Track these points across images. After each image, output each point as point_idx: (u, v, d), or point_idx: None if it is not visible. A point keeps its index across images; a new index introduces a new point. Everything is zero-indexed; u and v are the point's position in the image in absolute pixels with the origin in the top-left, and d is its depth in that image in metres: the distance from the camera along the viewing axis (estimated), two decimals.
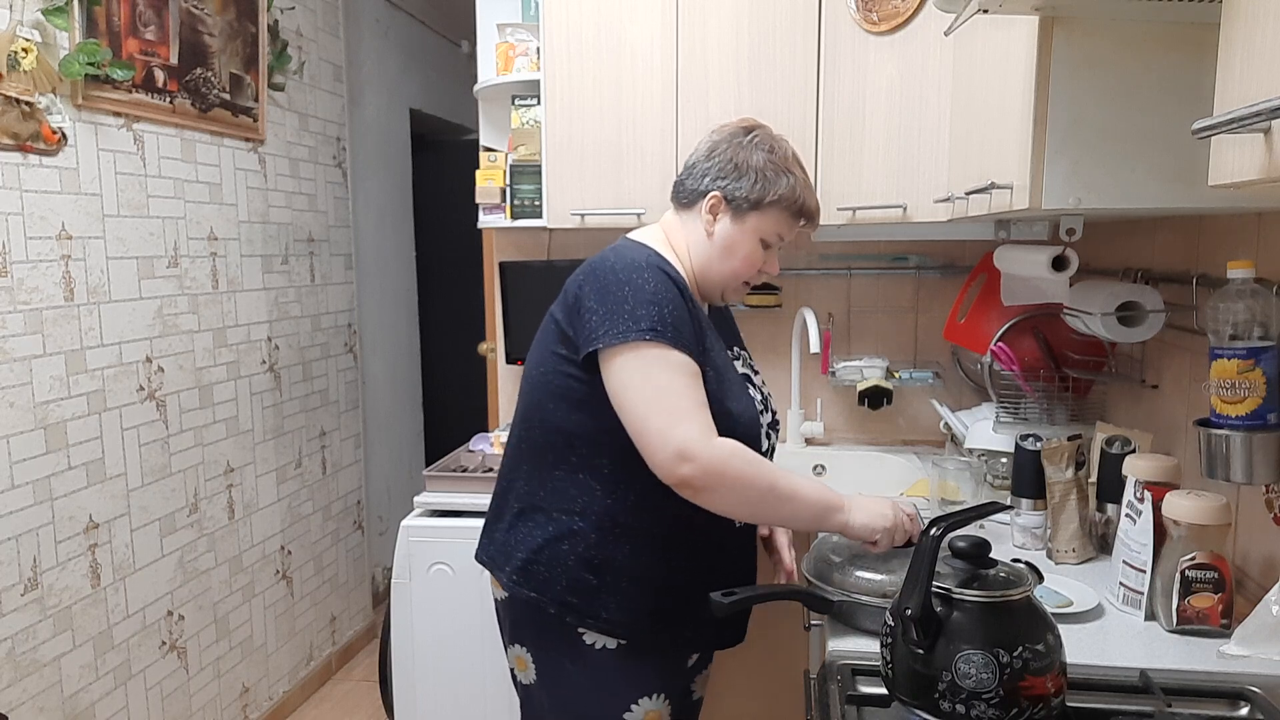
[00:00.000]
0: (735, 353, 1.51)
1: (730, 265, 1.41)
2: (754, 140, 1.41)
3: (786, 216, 1.41)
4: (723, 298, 1.48)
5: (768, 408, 1.49)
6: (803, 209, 1.42)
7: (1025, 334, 2.00)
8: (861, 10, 2.06)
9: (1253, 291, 1.19)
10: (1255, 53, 0.72)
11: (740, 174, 1.39)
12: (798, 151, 1.47)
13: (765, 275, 1.46)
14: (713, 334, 1.41)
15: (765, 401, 1.49)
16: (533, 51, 2.39)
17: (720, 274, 1.43)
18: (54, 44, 1.95)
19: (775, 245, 1.43)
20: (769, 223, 1.40)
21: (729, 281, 1.44)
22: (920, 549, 0.99)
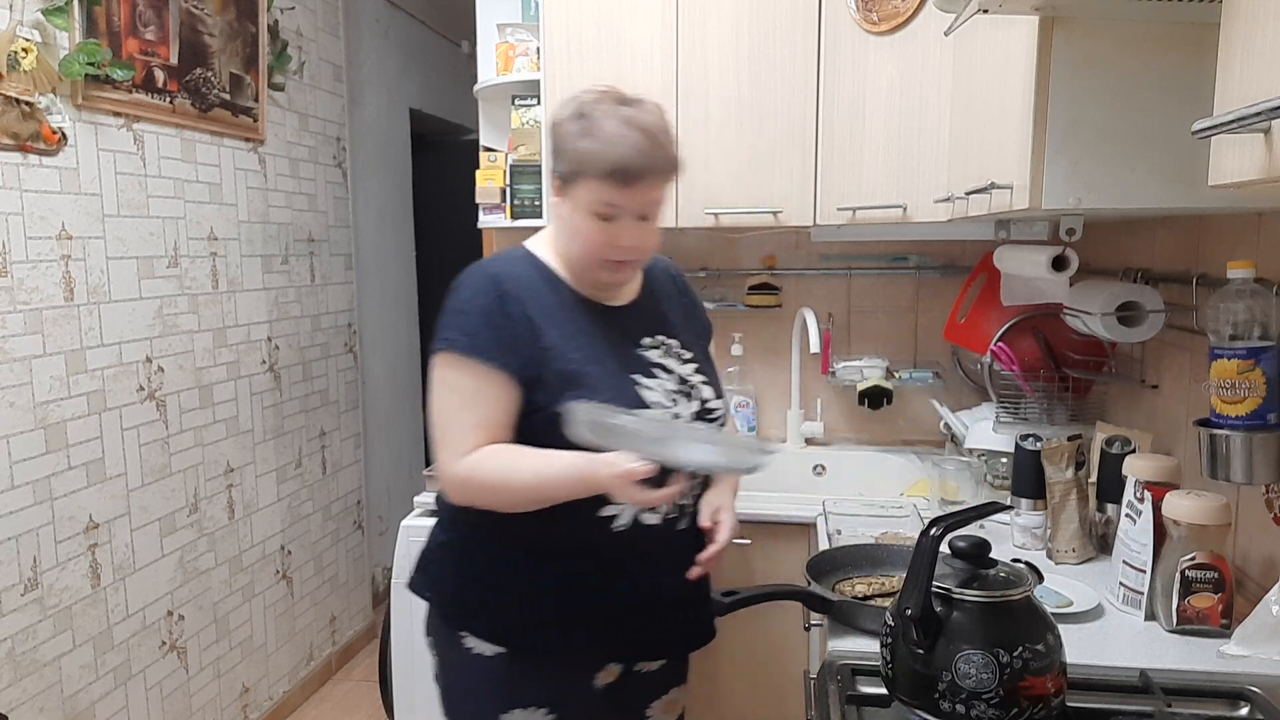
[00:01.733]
0: (655, 341, 1.39)
1: (577, 246, 1.32)
2: (570, 110, 1.33)
3: (601, 182, 1.26)
4: (597, 280, 1.35)
5: (691, 396, 1.37)
6: (612, 169, 1.25)
7: (1025, 334, 2.00)
8: (861, 10, 2.06)
9: (1253, 291, 1.19)
10: (1255, 53, 0.72)
11: (557, 149, 1.33)
12: (643, 109, 1.32)
13: (628, 251, 1.31)
14: (575, 329, 1.32)
15: (687, 390, 1.37)
16: (533, 51, 2.39)
17: (577, 257, 1.34)
18: (54, 44, 1.95)
19: (619, 216, 1.28)
20: (590, 193, 1.27)
21: (587, 264, 1.32)
22: (920, 549, 0.99)
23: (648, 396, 1.32)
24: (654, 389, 1.34)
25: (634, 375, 1.33)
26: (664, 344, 1.41)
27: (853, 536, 1.69)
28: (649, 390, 1.33)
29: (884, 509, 1.89)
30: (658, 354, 1.39)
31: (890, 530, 1.73)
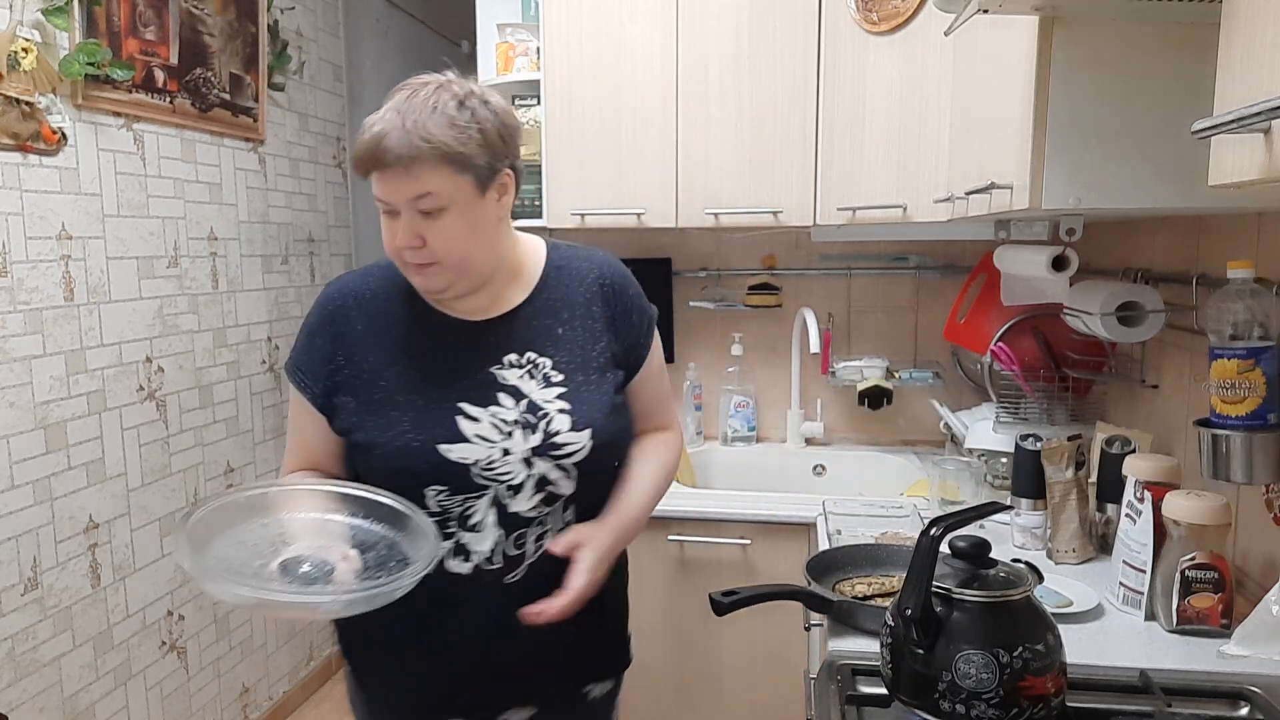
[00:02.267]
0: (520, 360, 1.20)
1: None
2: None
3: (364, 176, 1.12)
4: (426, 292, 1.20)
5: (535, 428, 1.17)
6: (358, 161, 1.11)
7: (1025, 334, 2.00)
8: (861, 10, 2.06)
9: (1253, 291, 1.19)
10: (1255, 53, 0.72)
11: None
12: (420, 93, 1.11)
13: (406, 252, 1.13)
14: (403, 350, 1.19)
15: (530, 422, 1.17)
16: (533, 51, 2.39)
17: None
18: (54, 44, 1.94)
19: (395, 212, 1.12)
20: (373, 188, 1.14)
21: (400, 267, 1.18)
22: (920, 549, 0.99)
23: (468, 429, 1.15)
24: (482, 419, 1.16)
25: (462, 403, 1.16)
26: (532, 363, 1.21)
27: (853, 536, 1.69)
28: (473, 422, 1.15)
29: (884, 509, 1.89)
30: (516, 375, 1.20)
31: (890, 530, 1.73)
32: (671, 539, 2.08)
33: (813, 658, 1.89)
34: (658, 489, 1.31)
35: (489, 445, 1.15)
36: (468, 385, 1.18)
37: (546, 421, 1.18)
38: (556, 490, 1.18)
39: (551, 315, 1.24)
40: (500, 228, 1.19)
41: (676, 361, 2.62)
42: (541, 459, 1.16)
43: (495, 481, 1.15)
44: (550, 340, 1.23)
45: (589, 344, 1.24)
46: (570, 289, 1.26)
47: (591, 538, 1.18)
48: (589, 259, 1.31)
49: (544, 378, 1.21)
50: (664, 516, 2.08)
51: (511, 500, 1.16)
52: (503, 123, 1.14)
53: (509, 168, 1.16)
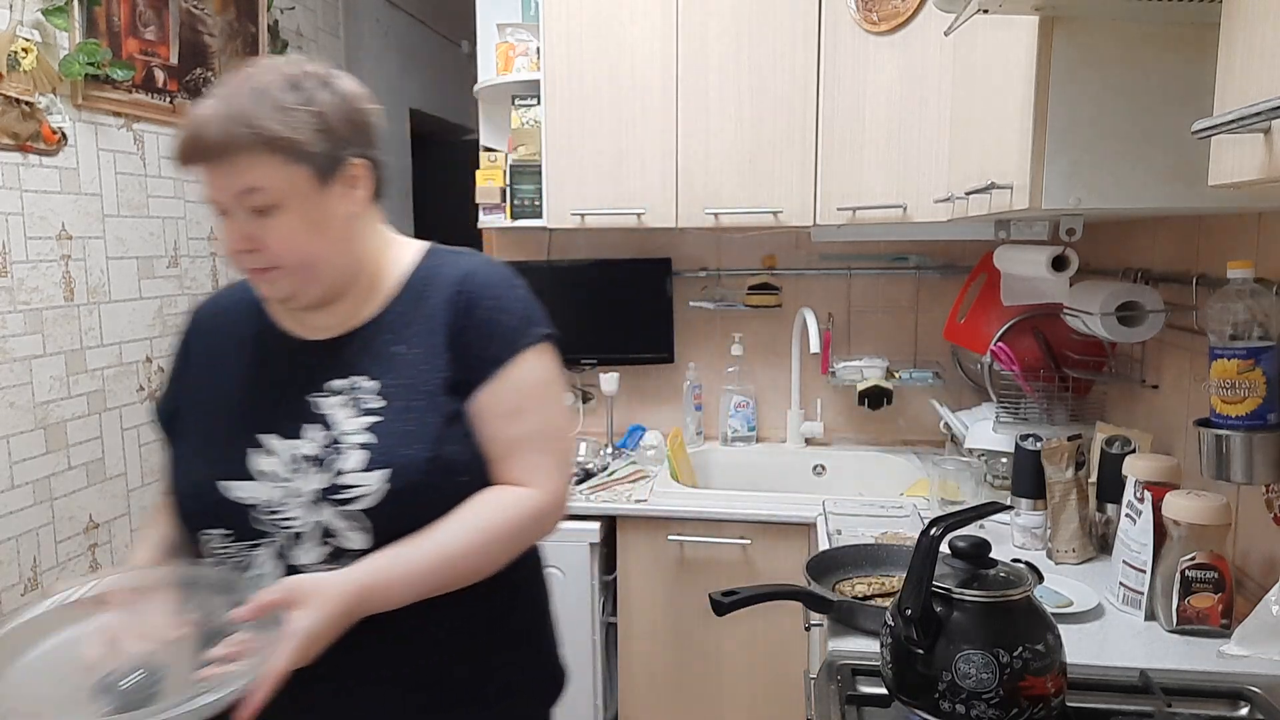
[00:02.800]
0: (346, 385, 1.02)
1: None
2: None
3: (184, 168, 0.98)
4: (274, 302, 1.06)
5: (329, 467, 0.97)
6: (176, 153, 0.97)
7: (1025, 334, 2.00)
8: (861, 10, 2.06)
9: (1253, 291, 1.19)
10: (1255, 53, 0.72)
11: None
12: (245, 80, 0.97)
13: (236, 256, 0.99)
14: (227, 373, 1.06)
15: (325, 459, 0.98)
16: (533, 51, 2.39)
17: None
18: (54, 44, 1.94)
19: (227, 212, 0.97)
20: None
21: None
22: (920, 549, 0.99)
23: (259, 465, 0.99)
24: (278, 454, 0.99)
25: (263, 434, 1.00)
26: (354, 388, 1.02)
27: (853, 536, 1.69)
28: (269, 456, 0.99)
29: (884, 509, 1.89)
30: (335, 403, 1.01)
31: (890, 530, 1.73)
32: (671, 539, 2.08)
33: (813, 658, 1.89)
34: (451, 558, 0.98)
35: (275, 485, 0.97)
36: (279, 414, 1.01)
37: (342, 459, 0.97)
38: (343, 544, 0.96)
39: (394, 333, 1.05)
40: (354, 226, 1.02)
41: (676, 362, 2.62)
42: (325, 504, 0.96)
43: (277, 528, 0.96)
44: (384, 361, 1.03)
45: (425, 364, 1.03)
46: (426, 303, 1.06)
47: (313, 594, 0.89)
48: (457, 266, 1.09)
49: (360, 404, 1.01)
50: (664, 516, 2.08)
51: (294, 553, 0.96)
52: (349, 106, 1.00)
53: (361, 157, 1.01)
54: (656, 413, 2.67)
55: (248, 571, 0.96)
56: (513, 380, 1.04)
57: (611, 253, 2.61)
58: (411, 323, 1.05)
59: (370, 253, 1.06)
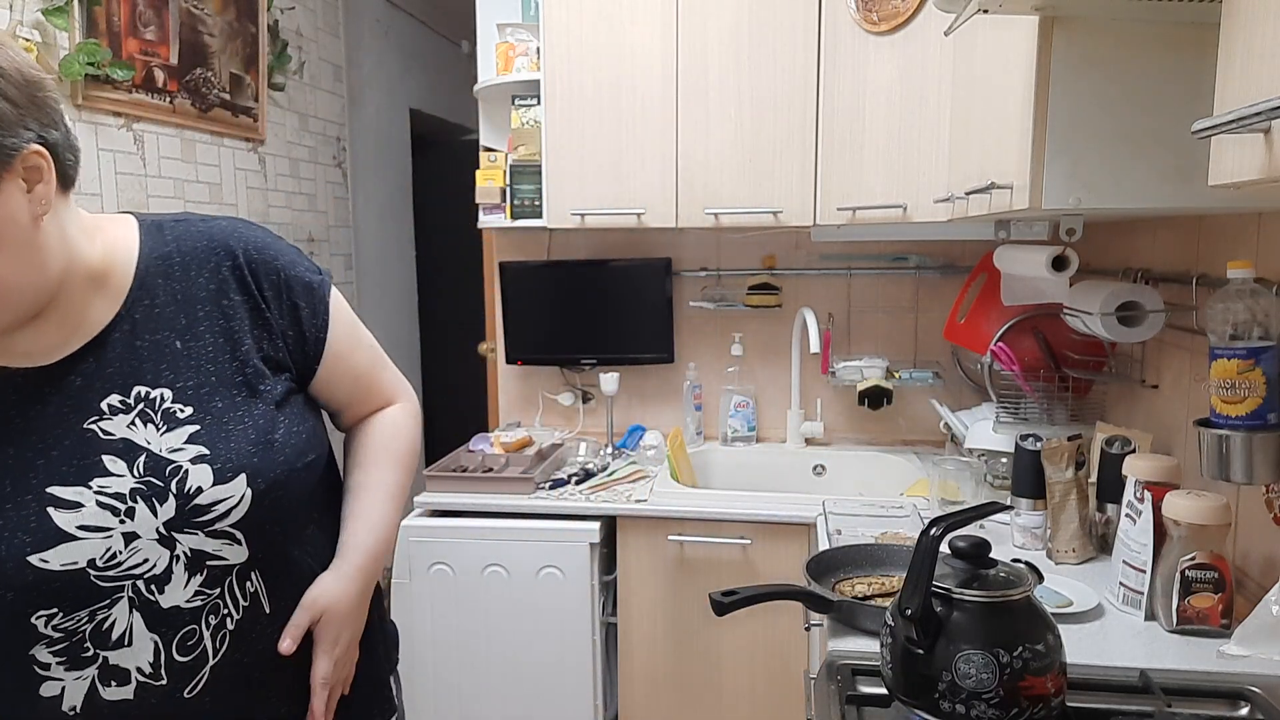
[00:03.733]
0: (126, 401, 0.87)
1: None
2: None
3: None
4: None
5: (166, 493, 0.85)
6: None
7: (1025, 334, 2.00)
8: (861, 10, 2.06)
9: (1253, 291, 1.19)
10: (1255, 53, 0.72)
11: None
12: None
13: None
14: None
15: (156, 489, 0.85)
16: (533, 51, 2.39)
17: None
18: (54, 44, 1.94)
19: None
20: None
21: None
22: (920, 549, 0.99)
23: (67, 522, 0.82)
24: (85, 504, 0.83)
25: (51, 487, 0.83)
26: (144, 400, 0.88)
27: (853, 536, 1.69)
28: (72, 511, 0.83)
29: (884, 509, 1.89)
30: (124, 424, 0.86)
31: (890, 530, 1.73)
32: (671, 539, 2.08)
33: (813, 658, 1.89)
34: (398, 490, 1.03)
35: (104, 535, 0.83)
36: (58, 458, 0.84)
37: (179, 480, 0.85)
38: (222, 563, 0.88)
39: (163, 327, 0.90)
40: (43, 231, 0.81)
41: (676, 362, 2.62)
42: (184, 532, 0.85)
43: (126, 578, 0.84)
44: (166, 362, 0.89)
45: (225, 353, 0.92)
46: (187, 284, 0.92)
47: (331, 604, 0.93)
48: (208, 235, 0.95)
49: (165, 416, 0.87)
50: (664, 516, 2.08)
51: (160, 595, 0.85)
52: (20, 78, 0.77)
53: (38, 141, 0.80)
54: (656, 413, 2.67)
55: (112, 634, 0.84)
56: (337, 323, 1.00)
57: (611, 253, 2.61)
58: (178, 312, 0.91)
59: (75, 251, 0.87)
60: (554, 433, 2.70)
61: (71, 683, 0.84)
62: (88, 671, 0.84)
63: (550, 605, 2.11)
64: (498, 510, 2.12)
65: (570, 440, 2.58)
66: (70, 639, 0.83)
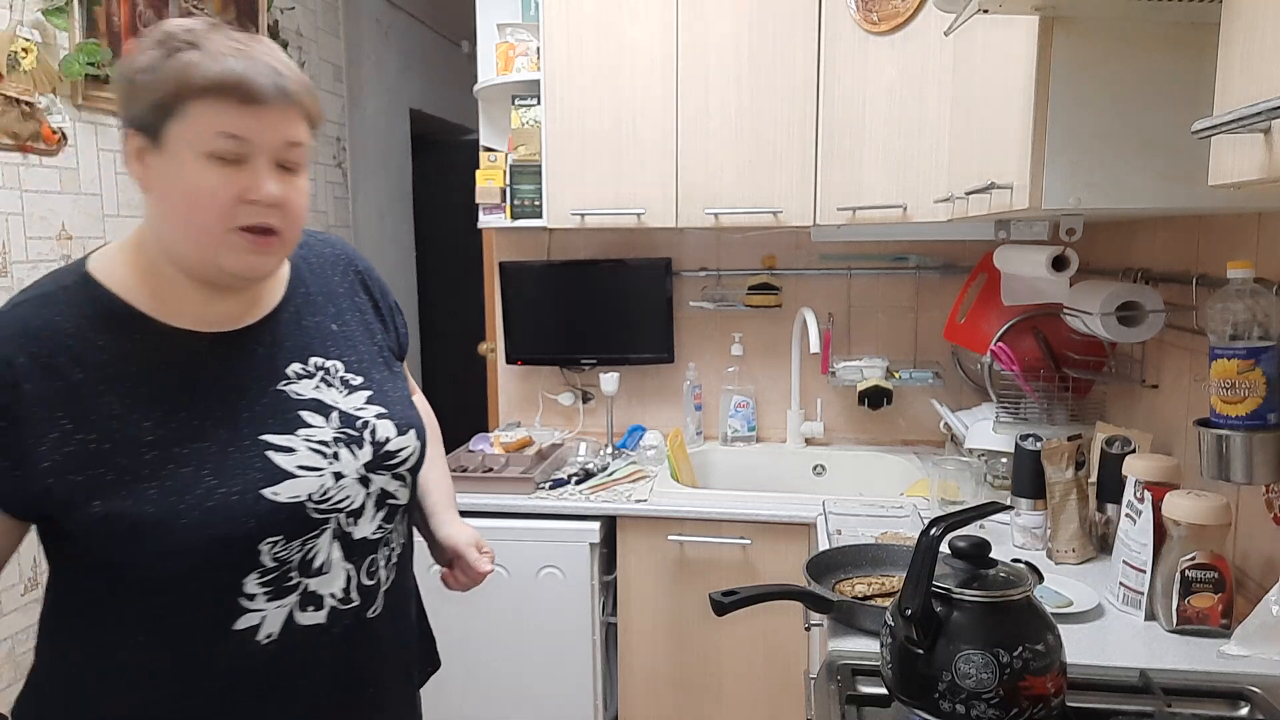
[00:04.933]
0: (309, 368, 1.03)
1: (184, 214, 0.90)
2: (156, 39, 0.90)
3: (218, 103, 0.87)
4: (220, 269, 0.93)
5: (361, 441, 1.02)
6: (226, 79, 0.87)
7: (1025, 334, 2.00)
8: (861, 10, 2.06)
9: (1253, 291, 1.19)
10: (1255, 53, 0.72)
11: (132, 87, 0.89)
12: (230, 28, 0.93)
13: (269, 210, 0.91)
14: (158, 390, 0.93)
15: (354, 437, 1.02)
16: (533, 51, 2.39)
17: (182, 235, 0.91)
18: (54, 44, 1.95)
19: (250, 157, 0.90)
20: (201, 124, 0.87)
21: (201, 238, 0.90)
22: (920, 549, 0.99)
23: (287, 463, 0.96)
24: (298, 449, 0.97)
25: (265, 435, 0.96)
26: (322, 370, 1.04)
27: (853, 536, 1.69)
28: (288, 454, 0.96)
29: (884, 509, 1.89)
30: (311, 386, 1.02)
31: (890, 530, 1.73)
32: (671, 539, 2.08)
33: (813, 658, 1.89)
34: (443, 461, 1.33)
35: (318, 474, 0.97)
36: (261, 412, 0.97)
37: (370, 431, 1.03)
38: (396, 502, 1.06)
39: (319, 312, 1.07)
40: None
41: (676, 362, 2.62)
42: (377, 473, 1.03)
43: (334, 512, 0.98)
44: (330, 340, 1.06)
45: (367, 339, 1.11)
46: (325, 281, 1.10)
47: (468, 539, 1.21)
48: (330, 244, 1.15)
49: (343, 383, 1.04)
50: (664, 516, 2.08)
51: (355, 527, 1.01)
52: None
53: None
54: (656, 413, 2.67)
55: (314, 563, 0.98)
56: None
57: (611, 253, 2.61)
58: (323, 302, 1.08)
59: None
60: (554, 433, 2.70)
61: (272, 612, 0.95)
62: (288, 600, 0.96)
63: (550, 605, 2.11)
64: (498, 510, 2.12)
65: (570, 440, 2.58)
66: (281, 567, 0.95)
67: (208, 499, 0.90)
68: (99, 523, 0.88)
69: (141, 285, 0.94)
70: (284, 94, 0.90)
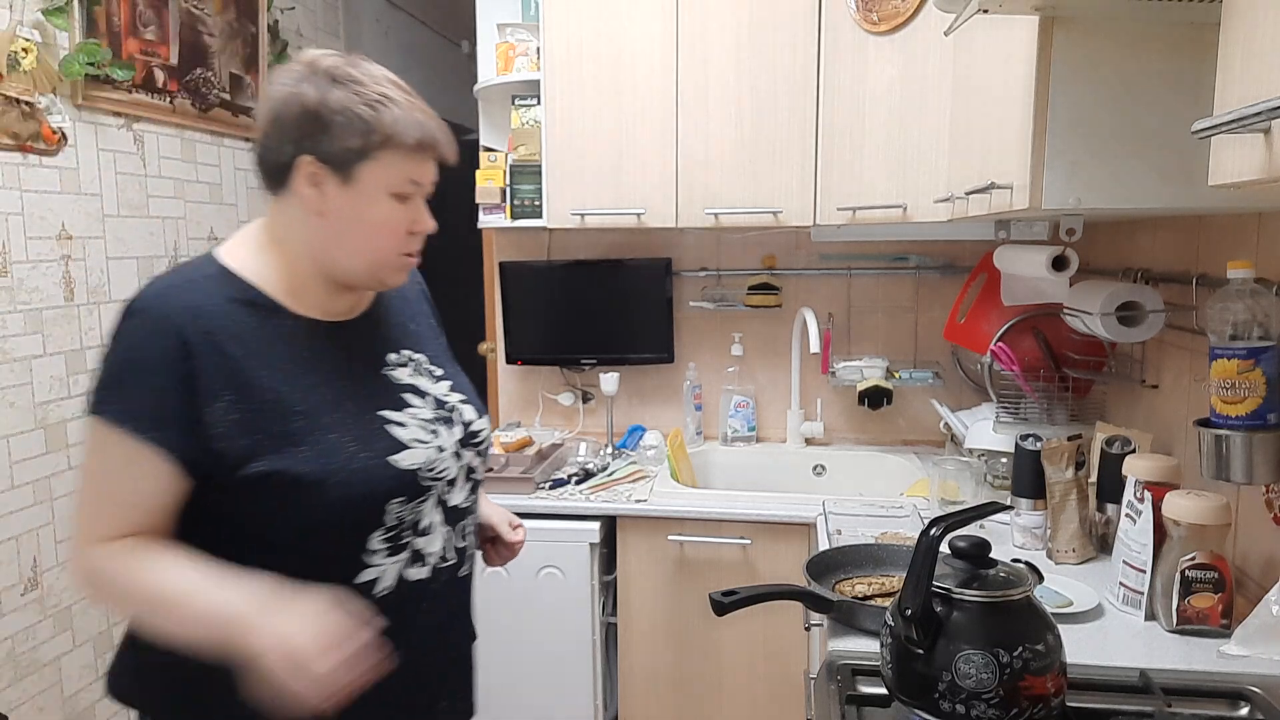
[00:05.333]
0: (401, 358, 1.18)
1: (367, 242, 1.07)
2: (327, 74, 1.04)
3: (408, 156, 1.06)
4: (380, 282, 1.13)
5: (452, 422, 1.17)
6: (424, 139, 1.07)
7: (1025, 334, 2.00)
8: (861, 10, 2.06)
9: (1253, 291, 1.19)
10: (1255, 53, 0.72)
11: (325, 124, 1.03)
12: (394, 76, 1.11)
13: (421, 235, 1.12)
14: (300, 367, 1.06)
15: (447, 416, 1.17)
16: (533, 51, 2.39)
17: (358, 256, 1.08)
18: (54, 44, 1.94)
19: (416, 195, 1.10)
20: (390, 170, 1.05)
21: (376, 259, 1.09)
22: (920, 549, 0.99)
23: (402, 434, 1.10)
24: (408, 424, 1.11)
25: (381, 410, 1.10)
26: (412, 360, 1.19)
27: (853, 536, 1.69)
28: (401, 427, 1.10)
29: (884, 509, 1.89)
30: (408, 374, 1.17)
31: (890, 530, 1.73)
32: (671, 539, 2.08)
33: (813, 658, 1.89)
34: None
35: (425, 447, 1.11)
36: (375, 391, 1.12)
37: (458, 413, 1.19)
38: (477, 477, 1.22)
39: (400, 312, 1.24)
40: None
41: (676, 362, 2.62)
42: (466, 449, 1.18)
43: (437, 481, 1.13)
44: (411, 337, 1.23)
45: (437, 340, 1.29)
46: (402, 286, 1.23)
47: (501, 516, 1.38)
48: None
49: (428, 373, 1.21)
50: (664, 516, 2.08)
51: (450, 495, 1.16)
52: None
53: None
54: (656, 413, 2.67)
55: (420, 525, 1.12)
56: None
57: (611, 253, 2.61)
58: (400, 305, 1.25)
59: None
60: (554, 433, 2.70)
61: (389, 567, 1.08)
62: (401, 557, 1.09)
63: (550, 605, 2.11)
64: None
65: (570, 440, 2.58)
66: (400, 526, 1.09)
67: (351, 462, 1.04)
68: (260, 480, 1.00)
69: (275, 279, 1.08)
70: (452, 149, 1.13)
